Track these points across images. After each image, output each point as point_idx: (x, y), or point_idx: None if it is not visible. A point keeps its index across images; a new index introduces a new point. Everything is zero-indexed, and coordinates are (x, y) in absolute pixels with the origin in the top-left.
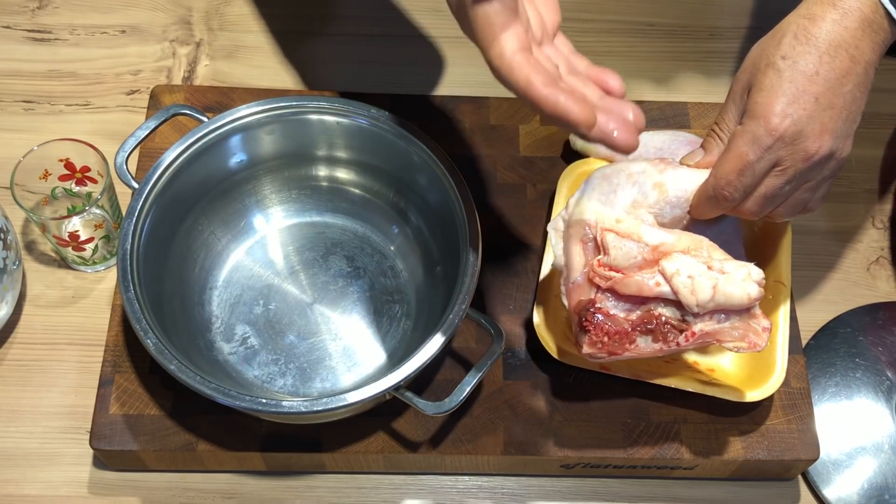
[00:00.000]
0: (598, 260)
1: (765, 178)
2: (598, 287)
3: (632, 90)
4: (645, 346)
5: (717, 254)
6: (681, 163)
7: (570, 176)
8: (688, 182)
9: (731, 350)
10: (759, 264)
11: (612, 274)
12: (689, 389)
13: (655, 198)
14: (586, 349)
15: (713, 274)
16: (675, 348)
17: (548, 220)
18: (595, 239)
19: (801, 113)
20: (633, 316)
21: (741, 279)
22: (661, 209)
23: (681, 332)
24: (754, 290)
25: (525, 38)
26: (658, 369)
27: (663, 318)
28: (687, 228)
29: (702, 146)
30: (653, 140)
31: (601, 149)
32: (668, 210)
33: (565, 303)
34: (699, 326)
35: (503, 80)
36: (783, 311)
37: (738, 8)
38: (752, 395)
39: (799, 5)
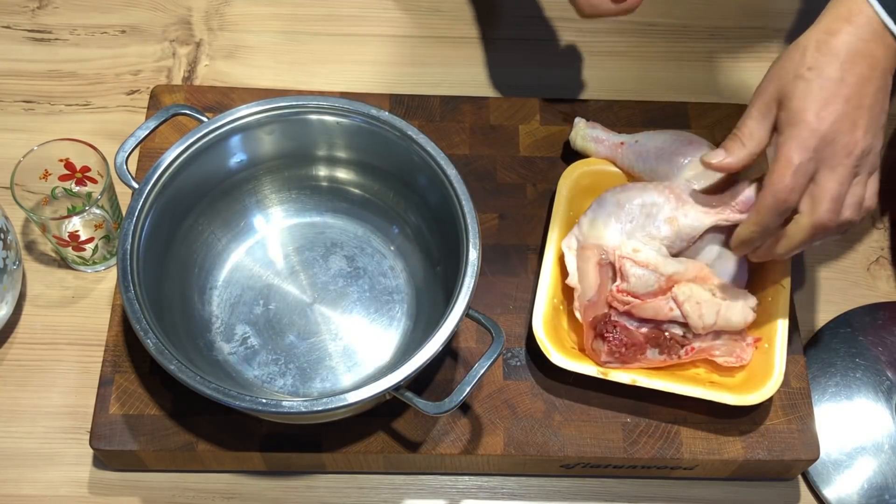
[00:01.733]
0: (617, 286)
1: (816, 175)
2: (616, 309)
3: (632, 90)
4: (652, 357)
5: (717, 280)
6: (702, 161)
7: (570, 176)
8: (697, 220)
9: (720, 363)
10: (759, 266)
11: (631, 299)
12: (688, 394)
13: (667, 231)
14: (605, 357)
15: (717, 301)
16: (676, 360)
17: (548, 220)
18: (612, 264)
19: (835, 114)
20: (644, 330)
21: (740, 307)
22: (672, 242)
23: (682, 346)
24: (750, 316)
25: None
26: (658, 373)
27: (667, 335)
28: (693, 248)
29: (723, 147)
30: (653, 140)
31: (601, 148)
32: (677, 243)
33: (579, 317)
34: (697, 343)
35: None
36: (783, 313)
37: (738, 8)
38: (751, 399)
39: (815, 23)
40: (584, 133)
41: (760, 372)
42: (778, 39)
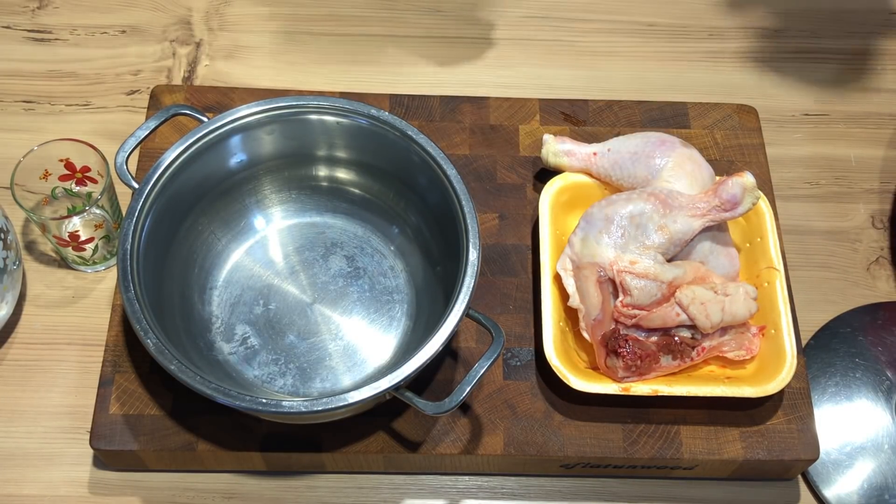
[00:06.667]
0: (621, 301)
1: None
2: (623, 324)
3: (632, 90)
4: (666, 364)
5: (716, 278)
6: None
7: (549, 194)
8: (687, 225)
9: (732, 358)
10: (749, 252)
11: (637, 312)
12: (709, 395)
13: (660, 239)
14: (622, 373)
15: (720, 297)
16: (689, 363)
17: (535, 243)
18: (611, 280)
19: None
20: (654, 339)
21: (742, 299)
22: (667, 249)
23: (693, 348)
24: (753, 307)
25: None
26: (675, 378)
27: (677, 339)
28: (686, 248)
29: None
30: (625, 146)
31: (574, 161)
32: (671, 249)
33: (587, 336)
34: (707, 343)
35: None
36: (782, 296)
37: (738, 8)
38: (770, 388)
39: None
40: (555, 149)
41: (773, 359)
42: (777, 39)
